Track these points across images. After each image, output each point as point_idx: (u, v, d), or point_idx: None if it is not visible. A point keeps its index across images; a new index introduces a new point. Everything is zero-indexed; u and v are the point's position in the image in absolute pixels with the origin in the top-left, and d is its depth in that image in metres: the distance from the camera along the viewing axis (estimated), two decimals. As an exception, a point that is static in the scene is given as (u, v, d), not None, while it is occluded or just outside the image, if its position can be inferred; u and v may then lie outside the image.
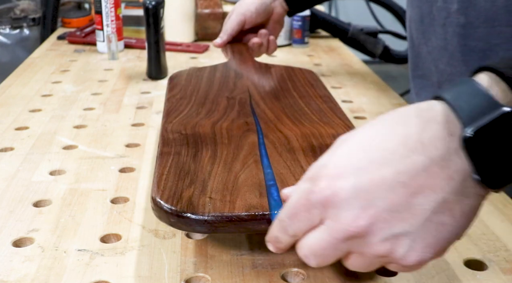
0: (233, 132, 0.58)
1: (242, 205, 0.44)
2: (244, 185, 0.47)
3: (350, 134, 0.38)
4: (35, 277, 0.46)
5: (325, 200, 0.36)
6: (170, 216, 0.44)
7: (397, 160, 0.34)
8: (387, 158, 0.35)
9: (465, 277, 0.46)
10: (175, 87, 0.72)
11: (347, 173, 0.35)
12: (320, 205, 0.36)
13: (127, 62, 1.14)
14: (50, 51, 1.23)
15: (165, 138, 0.56)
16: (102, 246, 0.51)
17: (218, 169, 0.50)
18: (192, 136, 0.57)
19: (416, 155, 0.34)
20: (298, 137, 0.56)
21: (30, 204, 0.58)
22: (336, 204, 0.35)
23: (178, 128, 0.59)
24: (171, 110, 0.64)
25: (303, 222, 0.37)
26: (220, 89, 0.71)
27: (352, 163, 0.35)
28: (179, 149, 0.54)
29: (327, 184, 0.35)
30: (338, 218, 0.35)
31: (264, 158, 0.52)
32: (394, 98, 0.93)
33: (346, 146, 0.37)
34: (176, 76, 0.77)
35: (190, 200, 0.45)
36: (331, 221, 0.36)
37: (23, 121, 0.80)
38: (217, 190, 0.46)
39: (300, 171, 0.49)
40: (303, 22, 1.27)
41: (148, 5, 0.96)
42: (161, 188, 0.46)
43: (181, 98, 0.68)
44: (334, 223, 0.36)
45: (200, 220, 0.43)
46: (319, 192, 0.36)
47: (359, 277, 0.46)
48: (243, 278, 0.46)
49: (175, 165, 0.50)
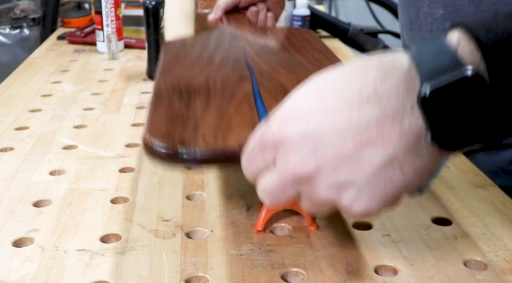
0: (227, 83, 0.57)
1: (235, 140, 0.44)
2: (238, 125, 0.47)
3: (311, 78, 0.37)
4: (35, 277, 0.46)
5: (276, 142, 0.36)
6: (161, 153, 0.43)
7: (350, 109, 0.34)
8: (340, 105, 0.34)
9: (465, 277, 0.46)
10: (170, 50, 0.71)
11: (299, 117, 0.35)
12: (271, 147, 0.36)
13: (127, 62, 1.14)
14: (50, 51, 1.23)
15: (158, 91, 0.55)
16: (102, 246, 0.51)
17: (212, 112, 0.49)
18: (185, 87, 0.56)
19: (370, 107, 0.34)
20: (294, 83, 0.53)
21: (30, 204, 0.58)
22: (285, 147, 0.35)
23: (171, 82, 0.58)
24: (165, 69, 0.63)
25: (258, 163, 0.38)
26: (215, 49, 0.70)
27: (304, 108, 0.35)
28: (171, 97, 0.53)
29: (278, 126, 0.36)
30: (287, 161, 0.36)
31: (258, 100, 0.51)
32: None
33: (303, 90, 0.36)
34: (171, 42, 0.77)
35: (181, 136, 0.44)
36: (280, 163, 0.36)
37: (23, 121, 0.80)
38: (209, 129, 0.46)
39: None
40: (303, 22, 1.27)
41: (148, 5, 0.96)
42: (153, 129, 0.46)
43: (175, 58, 0.67)
44: (283, 165, 0.36)
45: (192, 153, 0.43)
46: (271, 134, 0.36)
47: (359, 277, 0.46)
48: (243, 278, 0.46)
49: (166, 110, 0.50)
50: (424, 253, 0.49)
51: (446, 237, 0.52)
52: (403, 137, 0.33)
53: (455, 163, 0.67)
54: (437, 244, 0.50)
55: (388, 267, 0.47)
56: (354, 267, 0.47)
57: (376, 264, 0.48)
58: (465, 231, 0.53)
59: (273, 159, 0.37)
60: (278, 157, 0.37)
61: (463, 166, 0.67)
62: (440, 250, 0.50)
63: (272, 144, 0.36)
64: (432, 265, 0.47)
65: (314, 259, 0.48)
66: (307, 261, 0.48)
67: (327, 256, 0.48)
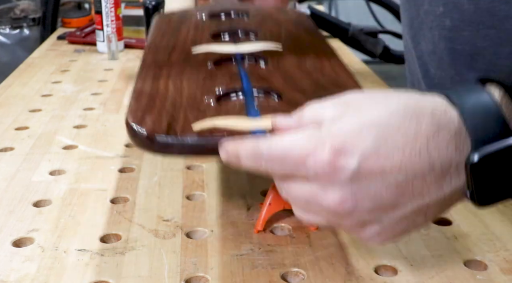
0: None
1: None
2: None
3: (364, 106, 0.36)
4: (35, 277, 0.46)
5: (321, 171, 0.35)
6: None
7: (401, 159, 0.34)
8: (392, 153, 0.35)
9: (465, 277, 0.46)
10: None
11: (352, 153, 0.35)
12: (313, 172, 0.35)
13: (127, 62, 1.14)
14: (50, 51, 1.23)
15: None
16: (102, 246, 0.51)
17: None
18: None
19: (419, 161, 0.34)
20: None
21: (30, 204, 0.58)
22: (330, 179, 0.35)
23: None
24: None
25: (282, 169, 0.37)
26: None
27: (359, 144, 0.35)
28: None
29: (329, 157, 0.35)
30: (326, 192, 0.35)
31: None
32: (394, 98, 0.93)
33: (357, 121, 0.35)
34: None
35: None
36: (318, 188, 0.36)
37: (23, 121, 0.80)
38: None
39: None
40: (303, 22, 1.27)
41: (148, 5, 0.96)
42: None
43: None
44: (321, 194, 0.36)
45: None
46: (319, 161, 0.35)
47: (359, 277, 0.46)
48: (243, 278, 0.46)
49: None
50: (424, 253, 0.49)
51: (446, 237, 0.52)
52: (439, 191, 0.35)
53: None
54: (437, 244, 0.50)
55: (388, 267, 0.47)
56: (354, 267, 0.47)
57: (376, 264, 0.47)
58: (465, 231, 0.53)
59: (305, 176, 0.36)
60: (316, 180, 0.36)
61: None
62: (440, 250, 0.50)
63: (315, 170, 0.36)
64: (432, 265, 0.47)
65: (314, 259, 0.48)
66: (307, 261, 0.48)
67: (327, 256, 0.48)
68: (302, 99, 0.45)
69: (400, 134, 0.35)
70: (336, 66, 0.56)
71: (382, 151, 0.35)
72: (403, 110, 0.35)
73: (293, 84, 0.51)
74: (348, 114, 0.36)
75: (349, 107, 0.36)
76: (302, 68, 0.55)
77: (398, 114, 0.35)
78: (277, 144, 0.37)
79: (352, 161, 0.34)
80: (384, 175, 0.35)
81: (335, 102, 0.38)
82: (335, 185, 0.35)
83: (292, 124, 0.39)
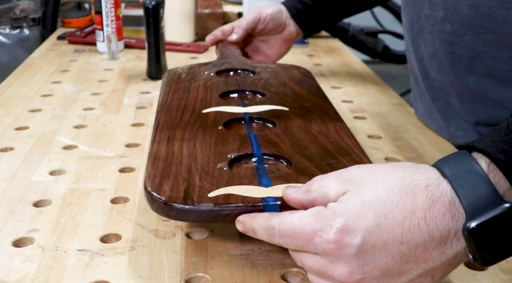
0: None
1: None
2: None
3: (364, 184, 0.40)
4: (35, 277, 0.46)
5: (328, 248, 0.38)
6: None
7: (401, 232, 0.38)
8: (393, 227, 0.38)
9: (465, 277, 0.46)
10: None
11: (355, 231, 0.38)
12: (321, 249, 0.39)
13: (127, 62, 1.14)
14: (50, 51, 1.23)
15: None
16: (102, 246, 0.51)
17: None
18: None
19: (419, 232, 0.37)
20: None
21: (30, 204, 0.58)
22: (336, 255, 0.38)
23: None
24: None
25: (293, 244, 0.41)
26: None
27: (362, 222, 0.38)
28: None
29: (335, 236, 0.38)
30: (335, 265, 0.39)
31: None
32: (394, 98, 0.93)
33: (359, 201, 0.39)
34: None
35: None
36: (328, 262, 0.39)
37: (23, 121, 0.80)
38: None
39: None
40: (303, 22, 1.27)
41: (148, 5, 0.96)
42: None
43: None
44: (330, 266, 0.39)
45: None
46: (326, 240, 0.38)
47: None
48: (243, 278, 0.46)
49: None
50: (424, 253, 0.49)
51: (446, 237, 0.51)
52: (443, 255, 0.38)
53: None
54: (437, 244, 0.50)
55: (388, 267, 0.47)
56: (354, 267, 0.47)
57: (376, 264, 0.47)
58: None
59: (315, 251, 0.40)
60: (325, 256, 0.39)
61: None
62: (440, 250, 0.49)
63: (323, 247, 0.39)
64: (432, 265, 0.47)
65: (314, 259, 0.48)
66: (307, 261, 0.48)
67: (327, 256, 0.48)
68: (310, 167, 0.50)
69: (399, 210, 0.38)
70: (340, 130, 0.59)
71: (383, 226, 0.38)
72: (399, 187, 0.39)
73: (301, 149, 0.54)
74: (351, 194, 0.40)
75: (351, 185, 0.40)
76: (308, 132, 0.58)
77: (395, 192, 0.39)
78: (286, 221, 0.41)
79: (356, 238, 0.38)
80: (388, 247, 0.38)
81: (339, 178, 0.41)
82: (342, 259, 0.38)
83: (300, 196, 0.43)
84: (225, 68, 0.79)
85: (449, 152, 0.71)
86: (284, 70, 0.79)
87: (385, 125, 0.81)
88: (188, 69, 0.78)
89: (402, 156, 0.71)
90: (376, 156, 0.70)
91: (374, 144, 0.74)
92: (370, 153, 0.55)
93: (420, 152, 0.72)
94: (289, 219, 0.41)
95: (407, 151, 0.72)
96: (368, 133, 0.77)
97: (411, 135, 0.77)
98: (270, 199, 0.45)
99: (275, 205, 0.44)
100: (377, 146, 0.73)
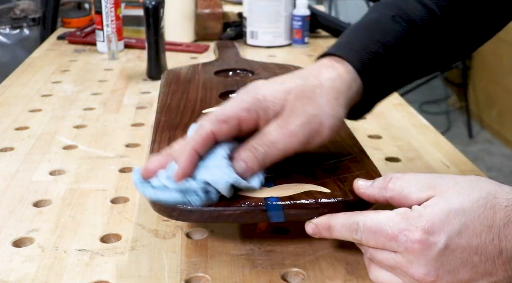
0: None
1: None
2: None
3: (450, 192, 0.42)
4: (35, 277, 0.46)
5: (412, 247, 0.40)
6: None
7: (477, 244, 0.40)
8: (472, 238, 0.40)
9: None
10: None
11: (440, 235, 0.40)
12: (404, 247, 0.40)
13: (127, 62, 1.14)
14: (50, 51, 1.23)
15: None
16: (102, 246, 0.51)
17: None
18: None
19: (492, 246, 0.40)
20: None
21: (30, 204, 0.58)
22: (418, 255, 0.40)
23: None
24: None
25: (374, 240, 0.42)
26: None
27: (446, 227, 0.40)
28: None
29: (421, 237, 0.40)
30: (412, 264, 0.40)
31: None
32: (394, 98, 0.93)
33: (445, 207, 0.41)
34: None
35: None
36: (404, 260, 0.41)
37: (23, 121, 0.80)
38: None
39: None
40: (303, 22, 1.27)
41: (148, 5, 0.96)
42: None
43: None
44: (406, 264, 0.40)
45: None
46: (411, 238, 0.40)
47: (359, 277, 0.46)
48: (243, 278, 0.46)
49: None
50: (424, 253, 0.49)
51: (446, 237, 0.51)
52: (506, 273, 0.40)
53: (455, 163, 0.67)
54: (437, 244, 0.50)
55: (388, 267, 0.47)
56: (354, 267, 0.47)
57: (376, 264, 0.47)
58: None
59: (395, 249, 0.41)
60: (406, 256, 0.40)
61: (463, 166, 0.67)
62: (440, 250, 0.49)
63: (406, 246, 0.40)
64: (432, 265, 0.47)
65: (314, 259, 0.48)
66: (307, 261, 0.48)
67: (327, 256, 0.49)
68: (311, 167, 0.50)
69: (479, 222, 0.40)
70: (341, 130, 0.57)
71: (464, 234, 0.40)
72: (484, 201, 0.41)
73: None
74: (436, 200, 0.41)
75: (436, 191, 0.42)
76: None
77: (479, 204, 0.41)
78: (372, 218, 0.42)
79: (439, 241, 0.40)
80: (464, 255, 0.40)
81: (421, 183, 0.43)
82: (421, 260, 0.40)
83: (375, 191, 0.44)
84: (224, 69, 0.79)
85: (449, 152, 0.71)
86: (283, 70, 0.79)
87: (385, 125, 0.81)
88: (187, 69, 0.78)
89: (402, 156, 0.71)
90: (376, 156, 0.70)
91: (374, 144, 0.74)
92: (370, 153, 0.55)
93: (420, 152, 0.72)
94: (375, 216, 0.42)
95: (407, 151, 0.72)
96: (368, 133, 0.77)
97: (411, 135, 0.77)
98: (272, 199, 0.45)
99: (278, 205, 0.44)
100: (377, 146, 0.73)
